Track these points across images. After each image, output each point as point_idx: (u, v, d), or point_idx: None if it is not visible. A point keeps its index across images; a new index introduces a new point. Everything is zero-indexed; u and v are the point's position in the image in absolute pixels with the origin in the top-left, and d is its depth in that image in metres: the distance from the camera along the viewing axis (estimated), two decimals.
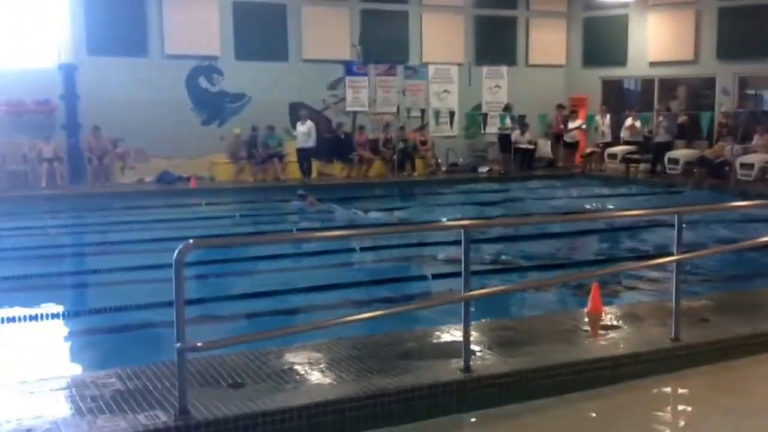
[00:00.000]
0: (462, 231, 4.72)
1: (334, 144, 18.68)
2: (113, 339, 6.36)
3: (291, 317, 6.60)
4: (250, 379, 4.50)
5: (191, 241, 3.98)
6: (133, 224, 11.72)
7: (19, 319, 6.58)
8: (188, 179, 16.58)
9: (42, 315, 6.66)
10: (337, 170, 18.57)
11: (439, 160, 19.72)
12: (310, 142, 17.57)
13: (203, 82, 17.84)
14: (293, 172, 17.77)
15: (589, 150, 19.86)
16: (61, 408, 4.04)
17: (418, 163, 19.23)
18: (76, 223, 12.52)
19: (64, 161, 15.92)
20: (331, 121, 19.04)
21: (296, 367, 4.71)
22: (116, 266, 8.51)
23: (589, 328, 5.71)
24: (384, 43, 19.46)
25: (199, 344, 4.07)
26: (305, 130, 17.52)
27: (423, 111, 20.21)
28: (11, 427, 3.77)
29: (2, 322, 6.47)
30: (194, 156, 17.20)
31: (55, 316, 6.68)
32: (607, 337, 5.54)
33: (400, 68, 19.82)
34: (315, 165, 18.11)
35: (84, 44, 16.46)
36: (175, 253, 3.84)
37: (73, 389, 4.31)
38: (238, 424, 4.01)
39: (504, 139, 20.00)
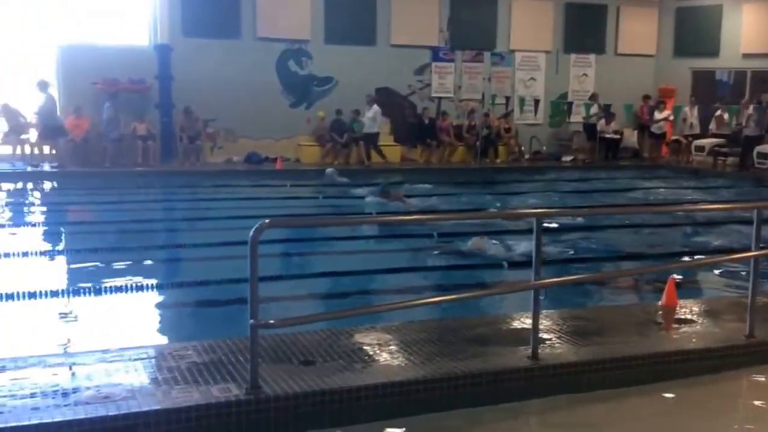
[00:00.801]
0: (534, 219, 4.66)
1: (418, 129, 18.62)
2: (193, 313, 6.52)
3: (362, 299, 6.61)
4: (320, 357, 4.53)
5: (267, 220, 4.02)
6: (220, 202, 11.97)
7: (106, 291, 6.80)
8: (274, 160, 16.84)
9: (127, 287, 6.86)
10: (419, 155, 18.52)
11: (523, 148, 19.43)
12: (375, 128, 17.53)
13: (292, 65, 18.05)
14: (377, 155, 17.82)
15: (674, 137, 19.23)
16: (138, 377, 4.15)
17: (501, 150, 19.00)
18: (165, 199, 12.89)
19: (157, 140, 16.39)
20: (415, 106, 18.98)
21: (366, 347, 4.72)
22: (200, 242, 8.72)
23: (662, 322, 5.60)
24: (472, 29, 19.24)
25: (272, 321, 4.13)
26: (371, 115, 17.47)
27: (508, 98, 19.95)
28: (90, 394, 3.89)
29: (89, 292, 6.71)
30: (281, 137, 17.45)
31: (139, 288, 6.87)
32: (680, 331, 5.43)
33: (487, 55, 19.58)
34: (399, 150, 18.12)
35: (179, 25, 16.87)
36: (251, 233, 3.88)
37: (152, 360, 4.44)
38: (307, 401, 4.05)
39: (589, 129, 19.59)
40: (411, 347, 4.75)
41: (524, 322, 5.21)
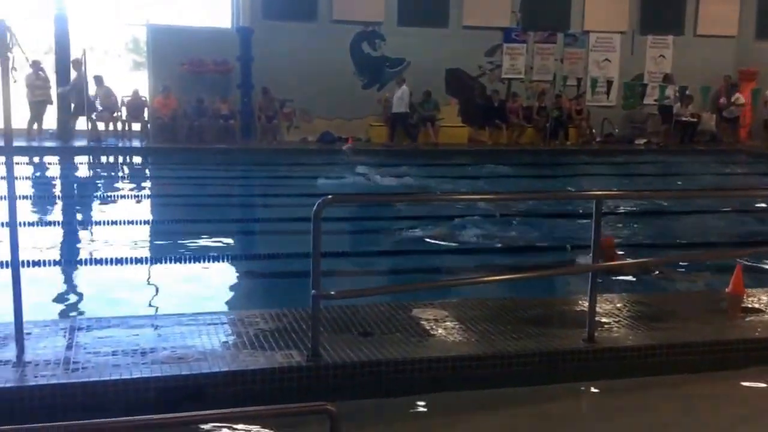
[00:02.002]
0: (594, 201, 4.63)
1: (487, 111, 18.51)
2: (262, 282, 6.77)
3: (420, 276, 6.70)
4: (378, 329, 4.66)
5: (329, 196, 4.16)
6: (292, 179, 12.25)
7: (184, 259, 7.10)
8: (346, 140, 17.05)
9: (203, 256, 7.15)
10: (487, 137, 18.42)
11: (594, 130, 19.06)
12: (402, 107, 17.44)
13: (366, 47, 18.16)
14: (447, 136, 17.83)
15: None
16: (210, 341, 4.36)
17: (572, 132, 18.70)
18: (243, 175, 13.22)
19: (237, 118, 16.81)
20: (485, 87, 18.85)
21: (422, 322, 4.82)
22: (273, 217, 8.97)
23: (726, 310, 5.42)
24: (545, 9, 18.93)
25: (332, 293, 4.28)
26: (399, 95, 17.40)
27: (580, 80, 19.58)
28: (166, 354, 4.12)
29: (169, 260, 7.03)
30: (353, 117, 17.63)
31: (214, 258, 7.14)
32: (745, 320, 5.24)
33: (560, 36, 19.24)
34: (466, 131, 18.07)
35: (260, 8, 17.21)
36: (314, 207, 4.04)
37: (222, 325, 4.66)
38: (364, 370, 4.18)
39: (665, 111, 19.03)
40: (466, 324, 4.82)
41: (581, 304, 5.16)
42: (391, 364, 4.23)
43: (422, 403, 4.18)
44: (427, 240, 7.96)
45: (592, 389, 4.46)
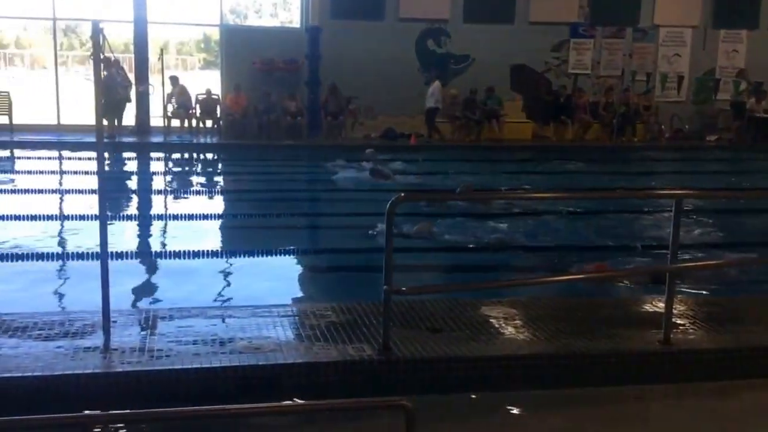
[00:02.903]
0: (673, 201, 4.51)
1: (552, 106, 18.24)
2: (334, 276, 6.85)
3: (489, 274, 6.66)
4: (447, 325, 4.66)
5: (402, 194, 4.19)
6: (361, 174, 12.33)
7: (258, 253, 7.20)
8: (409, 136, 17.04)
9: (276, 250, 7.26)
10: (552, 132, 18.16)
11: (663, 126, 18.57)
12: (432, 103, 17.21)
13: (431, 44, 18.13)
14: (511, 132, 17.66)
15: None
16: (284, 332, 4.44)
17: (639, 128, 18.25)
18: (310, 170, 13.33)
19: (304, 115, 17.00)
20: (550, 83, 18.58)
21: (491, 320, 4.80)
22: (341, 211, 9.05)
23: None
24: (614, 4, 18.49)
25: (404, 289, 4.31)
26: (431, 91, 17.19)
27: (649, 75, 19.08)
28: (243, 344, 4.22)
29: (244, 253, 7.17)
30: (416, 114, 17.60)
31: (287, 252, 7.25)
32: None
33: (628, 30, 18.79)
34: (530, 127, 17.87)
35: (328, 8, 17.35)
36: (387, 205, 4.07)
37: (296, 317, 4.74)
38: (433, 366, 4.19)
39: (738, 107, 18.36)
40: (536, 323, 4.77)
41: (656, 305, 5.06)
42: (462, 361, 4.22)
43: (492, 401, 4.16)
44: (494, 237, 7.89)
45: (667, 392, 4.37)
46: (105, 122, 15.17)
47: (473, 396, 4.17)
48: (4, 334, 4.20)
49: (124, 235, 7.61)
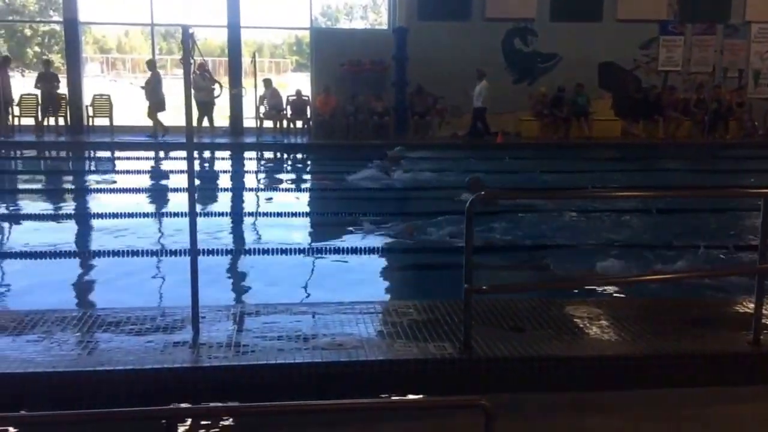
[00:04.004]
0: (763, 199, 4.22)
1: (642, 104, 17.58)
2: (415, 274, 6.76)
3: (573, 273, 6.41)
4: (530, 325, 4.51)
5: (483, 192, 4.06)
6: (446, 173, 12.22)
7: (341, 250, 7.17)
8: (495, 134, 16.78)
9: (359, 247, 7.23)
10: (641, 130, 17.51)
11: (756, 123, 17.61)
12: (479, 102, 16.72)
13: (517, 43, 17.82)
14: (600, 130, 17.14)
15: None
16: (366, 329, 4.39)
17: (732, 125, 17.39)
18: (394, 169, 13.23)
19: (391, 115, 16.99)
20: (639, 80, 17.92)
21: (576, 319, 4.61)
22: (425, 210, 8.94)
23: None
24: (703, 1, 17.71)
25: (485, 287, 4.18)
26: (477, 90, 16.69)
27: (741, 71, 18.15)
28: (327, 340, 4.19)
29: (328, 250, 7.16)
30: (503, 112, 17.31)
31: (370, 250, 7.19)
32: None
33: (719, 27, 17.93)
34: (619, 125, 17.28)
35: (415, 10, 17.30)
36: (467, 204, 3.95)
37: (378, 314, 4.68)
38: (516, 365, 4.05)
39: None
40: (622, 323, 4.57)
41: (745, 306, 4.79)
42: (545, 361, 4.07)
43: (575, 401, 4.00)
44: (577, 236, 7.63)
45: (757, 394, 4.13)
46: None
47: (555, 396, 4.01)
48: (99, 329, 4.30)
49: (214, 232, 7.74)
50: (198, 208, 4.50)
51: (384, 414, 3.57)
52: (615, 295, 5.11)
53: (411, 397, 3.90)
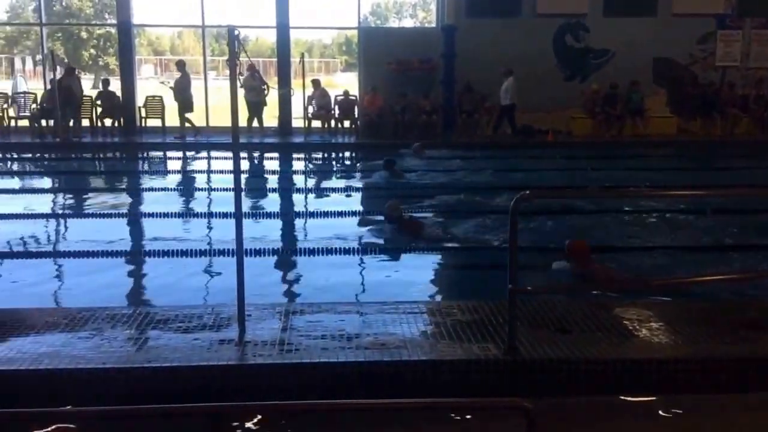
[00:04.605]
0: None
1: (698, 100, 17.16)
2: (458, 274, 6.74)
3: (621, 274, 6.30)
4: (577, 326, 4.46)
5: (527, 192, 4.03)
6: (491, 172, 12.16)
7: (384, 249, 7.24)
8: (546, 132, 16.60)
9: (402, 247, 7.23)
10: (698, 128, 17.08)
11: None
12: (507, 100, 16.43)
13: (569, 39, 17.59)
14: (655, 127, 16.80)
15: None
16: (409, 329, 4.40)
17: None
18: (435, 169, 13.19)
19: (439, 114, 16.95)
20: (696, 76, 17.49)
21: (624, 322, 4.54)
22: (467, 209, 8.92)
23: None
24: None
25: (529, 288, 4.15)
26: (504, 87, 16.37)
27: None
28: (370, 340, 4.22)
29: (374, 250, 7.20)
30: (554, 110, 17.12)
31: (411, 249, 7.21)
32: None
33: None
34: (675, 122, 16.91)
35: (464, 7, 17.23)
36: (512, 203, 3.93)
37: (421, 314, 4.68)
38: (562, 367, 4.02)
39: None
40: (672, 325, 4.48)
41: None
42: (592, 363, 4.02)
43: (622, 405, 3.94)
44: (627, 237, 7.50)
45: None
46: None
47: (601, 400, 3.95)
48: (147, 326, 4.42)
49: (261, 231, 7.85)
50: (245, 207, 4.59)
51: (426, 414, 3.58)
52: (665, 297, 4.99)
53: (453, 398, 3.90)
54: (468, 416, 3.64)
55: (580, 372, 4.02)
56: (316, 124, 17.16)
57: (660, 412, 3.88)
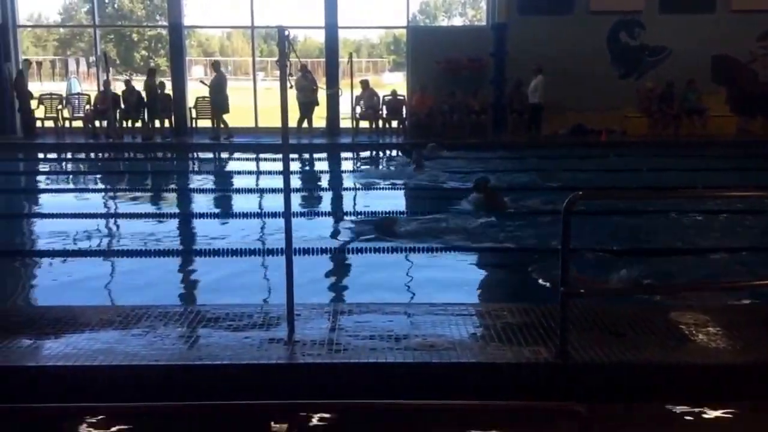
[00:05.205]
0: None
1: (759, 99, 16.72)
2: (508, 275, 6.71)
3: (676, 277, 6.18)
4: (631, 330, 4.39)
5: (580, 192, 4.00)
6: (537, 172, 12.07)
7: (433, 250, 7.23)
8: (600, 132, 16.38)
9: (450, 248, 7.25)
10: (758, 127, 16.64)
11: None
12: (536, 98, 16.11)
13: (623, 37, 17.35)
14: (713, 127, 16.43)
15: None
16: (459, 331, 4.40)
17: None
18: (485, 169, 13.12)
19: (488, 113, 16.88)
20: (757, 74, 17.04)
21: (681, 326, 4.46)
22: (524, 209, 8.87)
23: None
24: None
25: (582, 291, 4.11)
26: (533, 86, 16.08)
27: None
28: (418, 341, 4.23)
29: (421, 250, 7.21)
30: (608, 110, 16.89)
31: (461, 249, 7.20)
32: None
33: None
34: (734, 121, 16.51)
35: (515, 5, 17.13)
36: (564, 204, 3.90)
37: (471, 316, 4.67)
38: (615, 372, 3.96)
39: None
40: (731, 331, 4.38)
41: None
42: (648, 368, 3.97)
43: (678, 412, 3.86)
44: (683, 239, 7.36)
45: None
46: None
47: (656, 406, 3.89)
48: (199, 324, 4.51)
49: (310, 231, 7.93)
50: (295, 207, 4.65)
51: (475, 417, 3.58)
52: (724, 301, 4.89)
53: (503, 401, 3.89)
54: (518, 420, 3.63)
55: (634, 377, 3.96)
56: (364, 124, 17.24)
57: (717, 421, 3.81)
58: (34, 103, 17.31)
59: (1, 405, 3.39)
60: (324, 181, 12.55)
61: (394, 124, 17.30)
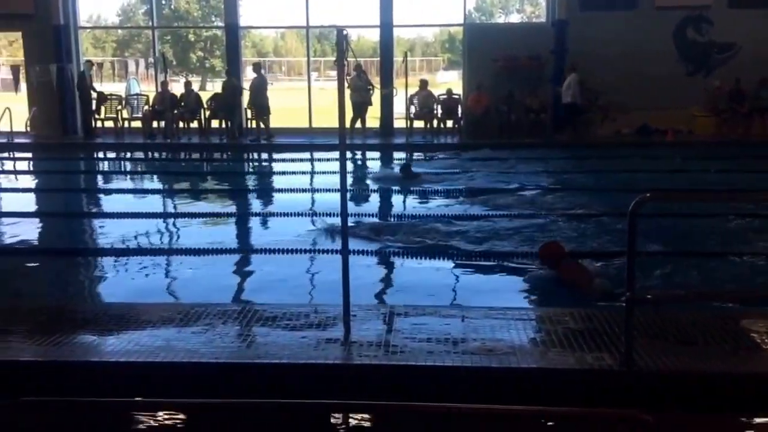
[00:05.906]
0: None
1: None
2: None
3: (749, 282, 6.01)
4: (702, 338, 4.29)
5: (648, 194, 3.93)
6: (597, 174, 11.85)
7: (489, 255, 7.13)
8: (665, 132, 16.03)
9: (508, 251, 7.18)
10: None
11: None
12: (568, 98, 15.69)
13: (690, 33, 16.96)
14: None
15: None
16: (518, 336, 4.37)
17: None
18: (549, 170, 12.99)
19: (548, 112, 16.69)
20: None
21: (753, 334, 4.35)
22: (583, 212, 8.75)
23: None
24: None
25: (649, 296, 4.04)
26: (566, 84, 15.63)
27: None
28: (476, 345, 4.21)
29: (478, 256, 7.15)
30: (674, 109, 16.51)
31: (521, 254, 7.14)
32: None
33: None
34: None
35: (577, 1, 16.90)
36: (631, 205, 3.83)
37: (531, 321, 4.65)
38: (685, 381, 3.88)
39: None
40: None
41: None
42: (719, 378, 3.87)
43: (753, 423, 3.76)
44: (755, 243, 7.15)
45: None
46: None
47: (724, 417, 3.79)
48: (257, 323, 4.59)
49: (366, 232, 7.96)
50: (349, 208, 4.68)
51: (533, 423, 3.56)
52: None
53: (565, 407, 3.84)
54: (581, 427, 3.58)
55: (703, 387, 3.87)
56: (418, 124, 17.22)
57: None
58: (93, 104, 17.81)
59: (65, 398, 3.51)
60: (376, 181, 12.56)
61: (449, 123, 17.25)
